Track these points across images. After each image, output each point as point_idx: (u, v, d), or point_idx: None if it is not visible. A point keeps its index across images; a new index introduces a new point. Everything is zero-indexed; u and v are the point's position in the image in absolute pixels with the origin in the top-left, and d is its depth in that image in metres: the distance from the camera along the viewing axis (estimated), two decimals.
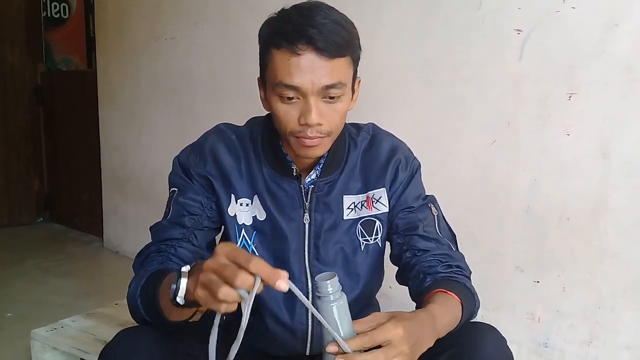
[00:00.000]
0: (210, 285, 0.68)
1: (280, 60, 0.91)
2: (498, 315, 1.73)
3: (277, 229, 1.04)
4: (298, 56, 0.89)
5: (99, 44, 3.09)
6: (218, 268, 0.67)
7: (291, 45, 0.89)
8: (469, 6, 1.70)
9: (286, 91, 0.92)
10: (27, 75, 3.61)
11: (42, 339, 1.61)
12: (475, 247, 1.73)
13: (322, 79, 0.90)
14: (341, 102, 0.95)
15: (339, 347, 0.74)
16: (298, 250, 1.04)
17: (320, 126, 0.93)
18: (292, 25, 0.90)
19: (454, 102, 1.77)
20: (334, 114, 0.94)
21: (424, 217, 1.07)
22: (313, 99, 0.91)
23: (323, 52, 0.89)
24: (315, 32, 0.88)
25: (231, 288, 0.66)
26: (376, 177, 1.07)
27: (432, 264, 1.02)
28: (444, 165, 1.78)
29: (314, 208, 1.04)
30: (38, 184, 3.73)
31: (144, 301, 0.91)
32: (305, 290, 1.04)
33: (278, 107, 0.94)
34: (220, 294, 0.66)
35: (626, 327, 1.54)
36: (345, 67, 0.94)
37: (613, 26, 1.48)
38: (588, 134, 1.54)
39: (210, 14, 2.46)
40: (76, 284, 2.62)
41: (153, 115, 2.82)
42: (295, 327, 1.05)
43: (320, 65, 0.90)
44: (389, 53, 1.87)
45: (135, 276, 0.97)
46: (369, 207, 1.07)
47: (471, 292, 1.00)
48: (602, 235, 1.54)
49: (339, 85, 0.92)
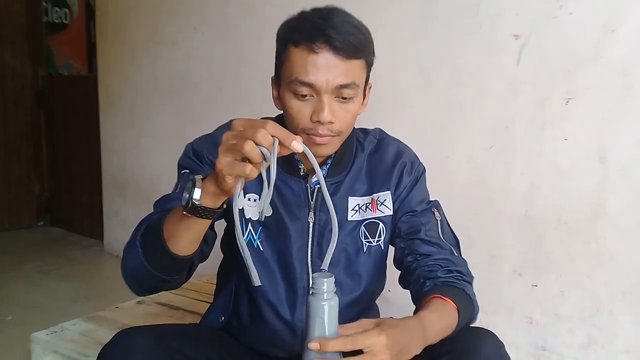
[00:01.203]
0: (234, 146, 0.73)
1: (297, 58, 0.93)
2: (496, 319, 1.73)
3: (282, 227, 1.05)
4: (315, 54, 0.92)
5: (100, 49, 3.10)
6: (238, 133, 0.73)
7: (309, 43, 0.92)
8: (467, 11, 1.71)
9: (301, 88, 0.93)
10: (28, 80, 3.62)
11: (42, 343, 1.61)
12: (473, 250, 1.74)
13: (336, 78, 0.92)
14: (353, 103, 0.97)
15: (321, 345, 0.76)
16: (301, 248, 1.05)
17: (331, 125, 0.95)
18: (311, 24, 0.93)
19: (452, 106, 1.78)
20: (345, 114, 0.96)
21: (427, 221, 1.08)
22: (327, 97, 0.93)
23: (340, 52, 0.91)
24: (334, 32, 0.91)
25: (255, 145, 0.71)
26: (381, 180, 1.09)
27: (432, 268, 1.02)
28: (442, 169, 1.78)
29: (319, 208, 1.05)
30: (39, 188, 3.74)
31: (144, 242, 0.91)
32: (307, 287, 1.04)
33: (291, 104, 0.96)
34: (246, 148, 0.71)
35: (624, 330, 1.54)
36: (360, 70, 0.96)
37: (610, 31, 1.49)
38: (585, 138, 1.55)
39: (210, 18, 2.47)
40: (76, 287, 2.62)
41: (153, 118, 2.83)
42: (295, 324, 1.05)
43: (336, 65, 0.92)
44: (387, 57, 1.87)
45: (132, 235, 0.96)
46: (374, 210, 1.08)
47: (470, 298, 0.99)
48: (599, 238, 1.55)
49: (352, 85, 0.94)
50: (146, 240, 0.91)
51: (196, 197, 0.80)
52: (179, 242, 0.87)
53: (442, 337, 0.89)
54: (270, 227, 1.05)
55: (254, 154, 0.72)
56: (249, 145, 0.71)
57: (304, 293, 1.05)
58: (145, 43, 2.80)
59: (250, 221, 1.06)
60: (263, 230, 1.06)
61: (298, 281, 1.05)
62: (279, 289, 1.05)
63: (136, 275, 0.94)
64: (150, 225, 0.92)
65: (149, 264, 0.90)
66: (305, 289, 1.05)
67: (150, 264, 0.90)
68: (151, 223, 0.93)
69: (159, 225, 0.88)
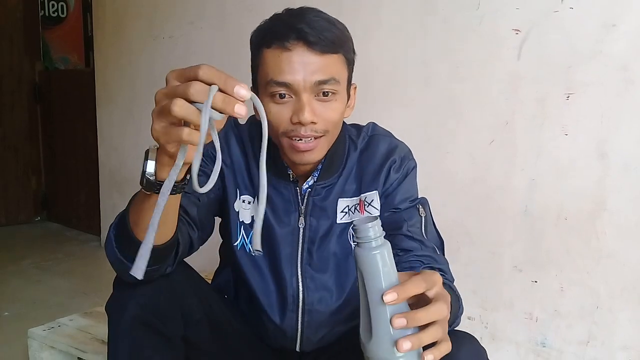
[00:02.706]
0: (164, 110, 0.59)
1: (271, 58, 0.90)
2: (496, 315, 1.73)
3: (271, 233, 1.03)
4: (289, 51, 0.88)
5: (97, 43, 3.08)
6: (169, 89, 0.59)
7: (282, 42, 0.88)
8: (467, 6, 1.70)
9: (277, 89, 0.89)
10: (25, 74, 3.60)
11: (40, 338, 1.60)
12: (473, 247, 1.74)
13: (314, 75, 0.88)
14: (336, 101, 0.92)
15: (398, 293, 0.61)
16: (291, 255, 1.03)
17: (314, 125, 0.90)
18: (282, 23, 0.90)
19: (452, 101, 1.77)
20: (328, 113, 0.92)
21: (410, 217, 1.02)
22: (306, 96, 0.89)
23: (314, 46, 0.88)
24: (306, 27, 0.87)
25: (186, 102, 0.57)
26: (370, 180, 1.04)
27: (413, 264, 0.95)
28: (442, 165, 1.78)
29: (309, 212, 1.03)
30: (35, 183, 3.73)
31: (116, 234, 0.83)
32: (297, 295, 1.03)
33: (270, 108, 0.91)
34: (174, 109, 0.56)
35: (623, 327, 1.54)
36: (339, 65, 0.92)
37: (611, 26, 1.48)
38: (585, 134, 1.54)
39: (208, 13, 2.46)
40: (73, 283, 2.61)
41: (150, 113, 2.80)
42: (285, 328, 1.05)
43: (311, 61, 0.88)
44: (386, 52, 1.87)
45: None
46: (361, 211, 1.04)
47: (456, 295, 0.90)
48: (599, 235, 1.55)
49: (332, 81, 0.90)
50: (117, 230, 0.84)
51: (150, 171, 0.71)
52: (144, 215, 0.77)
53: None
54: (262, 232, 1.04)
55: (187, 114, 0.57)
56: (177, 105, 0.56)
57: (294, 301, 1.03)
58: (142, 37, 2.78)
59: (242, 224, 1.04)
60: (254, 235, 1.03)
61: (287, 289, 1.03)
62: (270, 294, 1.04)
63: (115, 266, 0.88)
64: (121, 213, 0.85)
65: (122, 256, 0.83)
66: (295, 296, 1.03)
67: (123, 255, 0.83)
68: (122, 212, 0.85)
69: (125, 213, 0.81)
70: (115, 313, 0.91)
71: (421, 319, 0.61)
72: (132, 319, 0.88)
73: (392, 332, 0.62)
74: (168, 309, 0.91)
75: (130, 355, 0.89)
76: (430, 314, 0.62)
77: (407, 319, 0.60)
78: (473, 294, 1.75)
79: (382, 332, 0.62)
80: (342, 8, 0.95)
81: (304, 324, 1.04)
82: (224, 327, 1.03)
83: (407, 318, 0.60)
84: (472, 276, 1.74)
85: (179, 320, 0.94)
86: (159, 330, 0.90)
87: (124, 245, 0.82)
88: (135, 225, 0.79)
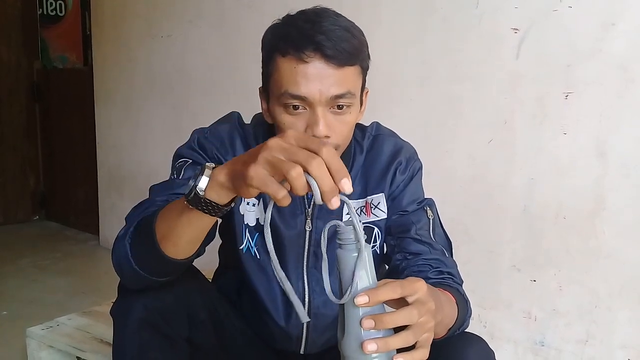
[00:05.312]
0: (278, 164, 0.60)
1: (286, 69, 0.86)
2: (494, 314, 1.73)
3: (278, 236, 1.01)
4: (305, 64, 0.85)
5: (95, 41, 3.07)
6: (290, 149, 0.61)
7: (298, 52, 0.85)
8: (466, 5, 1.70)
9: (292, 101, 0.86)
10: (23, 73, 3.59)
11: (38, 337, 1.60)
12: (471, 245, 1.74)
13: (330, 89, 0.85)
14: (350, 113, 0.90)
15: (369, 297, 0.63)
16: (297, 257, 1.03)
17: (327, 139, 0.88)
18: (298, 31, 0.86)
19: (451, 100, 1.77)
20: (342, 126, 0.90)
21: (418, 220, 1.02)
22: (321, 109, 0.86)
23: (332, 60, 0.84)
24: (324, 39, 0.84)
25: (303, 174, 0.59)
26: (376, 182, 1.03)
27: (422, 268, 0.94)
28: (441, 164, 1.78)
29: (316, 215, 1.02)
30: (34, 182, 3.72)
31: (134, 241, 0.82)
32: (302, 298, 1.02)
33: (283, 119, 0.89)
34: (292, 174, 0.58)
35: (622, 326, 1.54)
36: (355, 77, 0.89)
37: (610, 25, 1.48)
38: (584, 133, 1.55)
39: (206, 11, 2.45)
40: (72, 282, 2.61)
41: (149, 112, 2.81)
42: (290, 331, 1.05)
43: (328, 74, 0.85)
44: (385, 51, 1.87)
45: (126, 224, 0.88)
46: (368, 213, 1.03)
47: (465, 299, 0.92)
48: (598, 234, 1.55)
49: (348, 95, 0.88)
50: (136, 238, 0.82)
51: (201, 187, 0.70)
52: (176, 242, 0.77)
53: (444, 327, 0.80)
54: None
55: (298, 184, 0.59)
56: (296, 172, 0.58)
57: (301, 302, 1.02)
58: (141, 36, 2.77)
59: (247, 227, 1.03)
60: (259, 237, 1.03)
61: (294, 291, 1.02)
62: (276, 297, 1.03)
63: (124, 274, 0.87)
64: (144, 221, 0.83)
65: (138, 266, 0.82)
66: (302, 298, 1.02)
67: (140, 265, 0.82)
68: (146, 217, 0.83)
69: (151, 221, 0.79)
70: (121, 315, 0.91)
71: (388, 322, 0.62)
72: (139, 321, 0.89)
73: (362, 332, 0.64)
74: (174, 310, 0.91)
75: (136, 357, 0.89)
76: (397, 317, 0.63)
77: (376, 320, 0.62)
78: (471, 293, 1.71)
79: (353, 331, 0.64)
80: (341, 8, 0.94)
81: (310, 327, 1.04)
82: (227, 328, 1.03)
83: (375, 320, 0.62)
84: (470, 275, 1.73)
85: (184, 321, 0.93)
86: (164, 331, 0.91)
87: (142, 257, 0.81)
88: (165, 238, 0.77)
